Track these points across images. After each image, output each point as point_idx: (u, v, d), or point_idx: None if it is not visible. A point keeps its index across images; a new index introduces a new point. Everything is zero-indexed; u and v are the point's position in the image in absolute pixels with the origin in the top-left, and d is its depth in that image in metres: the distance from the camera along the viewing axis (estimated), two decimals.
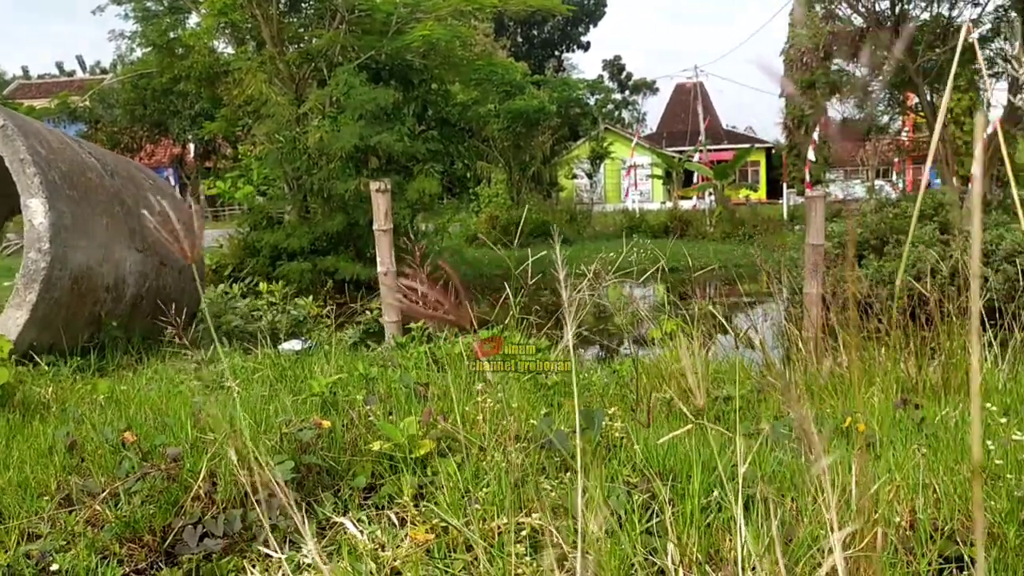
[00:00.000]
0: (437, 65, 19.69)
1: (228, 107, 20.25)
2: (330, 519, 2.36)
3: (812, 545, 1.90)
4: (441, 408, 3.13)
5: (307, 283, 17.21)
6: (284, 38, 19.77)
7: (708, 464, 2.33)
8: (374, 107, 17.65)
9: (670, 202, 32.86)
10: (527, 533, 2.09)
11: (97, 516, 2.43)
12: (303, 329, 7.43)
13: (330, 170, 18.24)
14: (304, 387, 4.30)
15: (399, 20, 18.86)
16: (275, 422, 2.88)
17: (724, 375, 4.42)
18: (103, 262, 5.65)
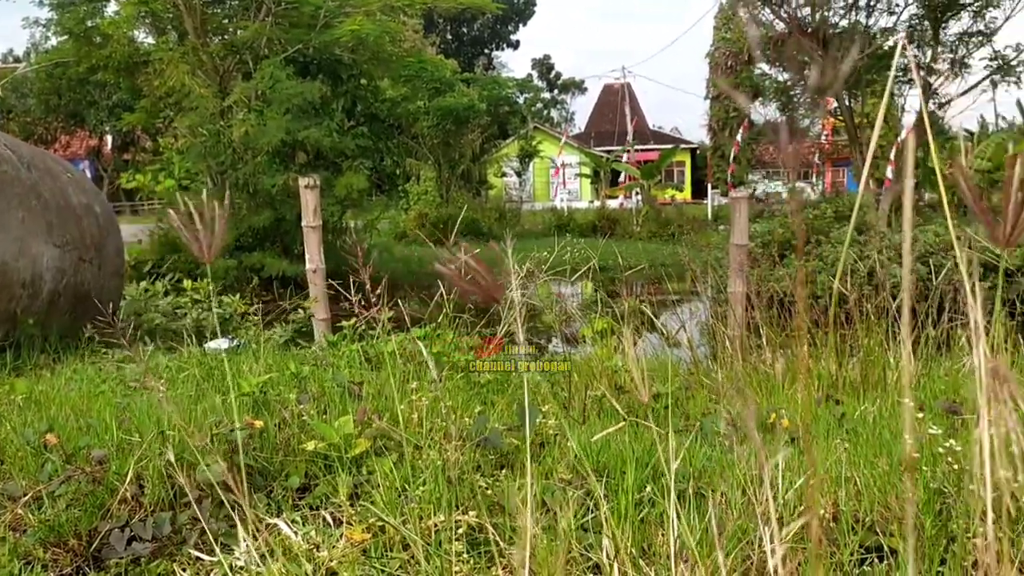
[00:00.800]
0: (366, 60, 19.49)
1: (148, 98, 19.68)
2: (263, 520, 2.33)
3: (742, 538, 1.96)
4: (376, 407, 3.11)
5: (232, 280, 16.87)
6: (208, 29, 19.31)
7: (641, 460, 2.37)
8: (301, 101, 17.39)
9: (598, 201, 33.25)
10: (464, 531, 2.10)
11: (19, 520, 2.35)
12: (229, 327, 7.28)
13: (256, 165, 17.91)
14: (232, 387, 4.22)
15: (327, 14, 18.62)
16: (205, 423, 2.82)
17: (654, 373, 4.49)
18: (19, 257, 5.44)
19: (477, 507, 2.18)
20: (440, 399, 3.02)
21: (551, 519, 2.12)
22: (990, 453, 0.81)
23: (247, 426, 2.62)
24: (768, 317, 6.13)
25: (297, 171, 17.69)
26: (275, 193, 17.57)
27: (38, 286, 5.68)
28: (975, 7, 14.18)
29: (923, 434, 2.41)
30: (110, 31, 18.98)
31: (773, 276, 12.79)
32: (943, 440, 2.19)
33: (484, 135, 30.82)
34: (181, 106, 18.61)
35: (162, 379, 4.48)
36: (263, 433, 2.75)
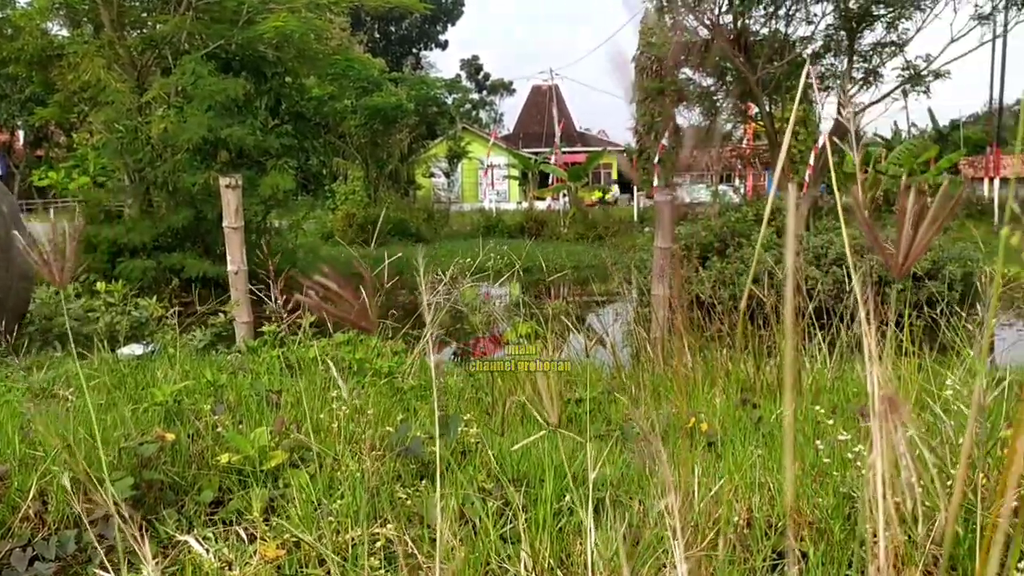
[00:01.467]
0: (291, 58, 19.17)
1: (62, 93, 18.99)
2: (173, 537, 2.25)
3: (658, 547, 1.98)
4: (295, 416, 3.05)
5: (150, 281, 16.39)
6: (125, 22, 18.73)
7: (560, 469, 2.38)
8: (224, 98, 17.00)
9: (526, 203, 33.37)
10: (382, 544, 2.07)
11: None
12: (145, 332, 7.05)
13: (176, 162, 17.44)
14: (146, 396, 4.09)
15: (251, 10, 18.25)
16: (113, 436, 2.72)
17: (577, 378, 4.52)
18: None
19: (396, 519, 2.15)
20: (362, 408, 2.98)
21: (470, 530, 2.11)
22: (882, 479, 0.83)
23: (158, 439, 2.54)
24: (691, 319, 6.24)
25: (219, 170, 17.29)
26: (196, 192, 17.15)
27: None
28: (888, 19, 14.70)
29: (834, 438, 2.47)
30: (22, 23, 18.25)
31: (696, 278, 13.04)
32: (852, 446, 2.25)
33: (412, 135, 30.63)
34: (97, 101, 18.00)
35: (71, 388, 4.32)
36: (175, 446, 2.66)
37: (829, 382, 4.26)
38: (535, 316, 5.70)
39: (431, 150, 34.98)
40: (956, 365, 3.52)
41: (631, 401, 4.06)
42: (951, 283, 10.54)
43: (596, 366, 5.11)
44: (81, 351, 6.08)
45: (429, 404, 3.76)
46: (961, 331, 4.21)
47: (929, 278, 11.07)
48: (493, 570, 2.00)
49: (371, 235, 25.79)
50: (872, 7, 14.32)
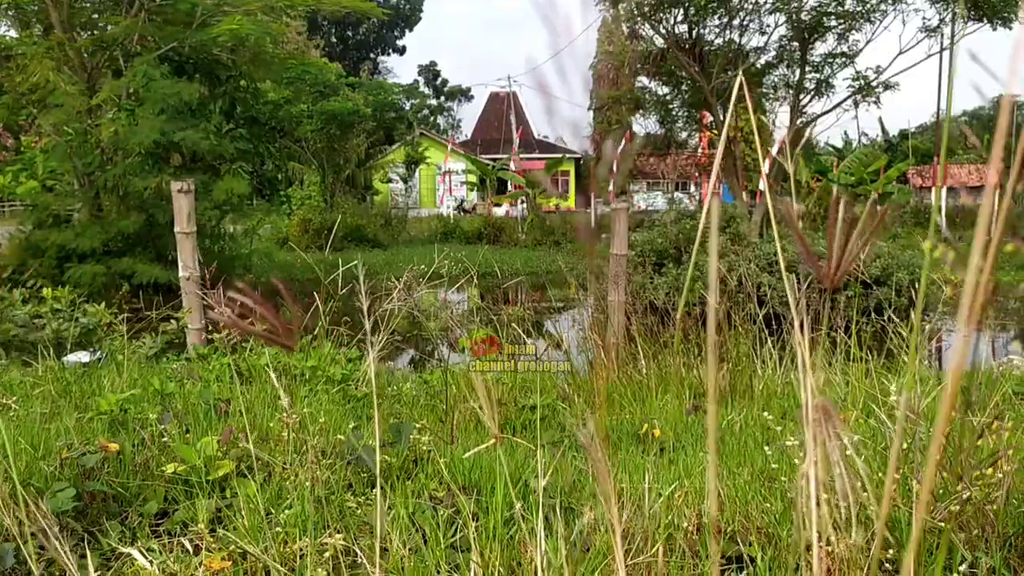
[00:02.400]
0: (246, 61, 18.98)
1: (10, 95, 18.57)
2: (116, 550, 2.20)
3: (608, 554, 1.98)
4: (243, 425, 3.00)
5: (100, 287, 16.08)
6: (75, 23, 18.40)
7: (513, 476, 2.37)
8: (177, 101, 16.77)
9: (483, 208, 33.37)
10: (330, 554, 2.05)
11: None
12: (93, 339, 6.90)
13: (127, 166, 17.15)
14: (92, 404, 4.00)
15: (204, 12, 18.03)
16: (56, 445, 2.65)
17: (531, 384, 4.52)
18: None
19: (345, 529, 2.13)
20: (313, 416, 2.95)
21: (420, 539, 2.09)
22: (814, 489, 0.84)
23: (101, 449, 2.48)
24: (645, 325, 6.29)
25: (172, 174, 17.03)
26: (147, 196, 16.88)
27: None
28: (839, 30, 14.99)
29: (782, 443, 2.50)
30: None
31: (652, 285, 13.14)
32: (799, 451, 2.28)
33: (370, 140, 30.48)
34: (45, 103, 17.64)
35: (14, 396, 4.20)
36: (120, 456, 2.61)
37: (779, 387, 4.32)
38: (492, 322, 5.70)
39: (389, 156, 34.84)
40: (901, 370, 3.60)
41: (585, 407, 4.07)
42: (899, 289, 10.77)
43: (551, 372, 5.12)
44: (26, 359, 5.93)
45: (382, 412, 3.74)
46: (908, 336, 4.29)
47: (878, 284, 11.29)
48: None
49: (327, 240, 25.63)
50: (823, 19, 14.59)
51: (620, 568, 1.06)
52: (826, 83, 15.72)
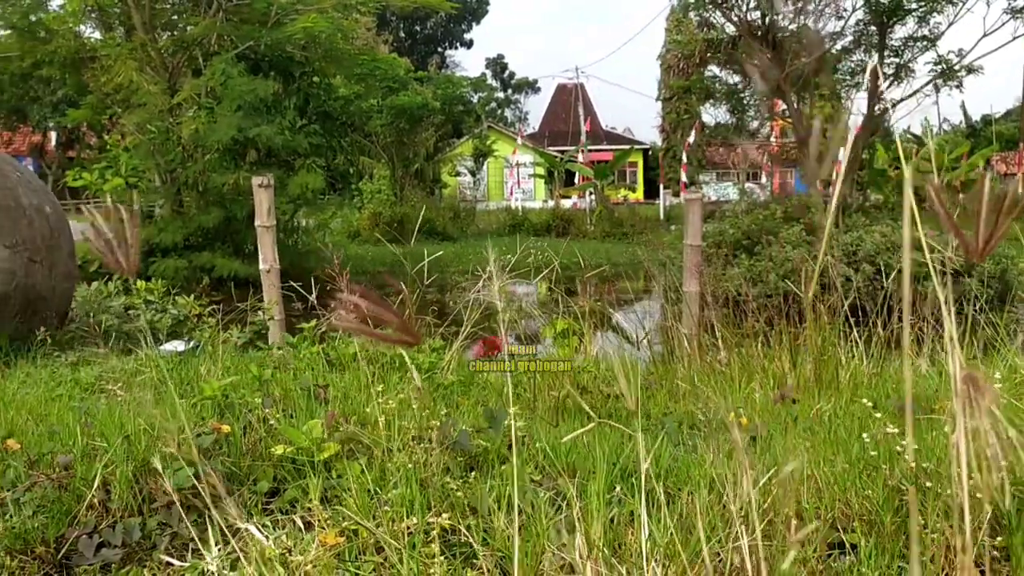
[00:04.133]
0: (319, 58, 19.31)
1: (95, 95, 19.27)
2: (233, 525, 2.32)
3: (710, 536, 2.01)
4: (342, 410, 3.11)
5: (182, 280, 16.61)
6: (156, 24, 18.97)
7: (610, 460, 2.42)
8: (253, 98, 17.16)
9: (552, 201, 33.37)
10: (437, 533, 2.12)
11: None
12: (183, 329, 7.17)
13: (206, 163, 17.65)
14: (192, 390, 4.18)
15: (279, 11, 18.41)
16: (168, 427, 2.79)
17: (611, 373, 4.55)
18: None
19: (451, 508, 2.20)
20: (407, 402, 3.04)
21: (523, 520, 2.15)
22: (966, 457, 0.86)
23: (214, 430, 2.61)
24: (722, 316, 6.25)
25: (248, 169, 17.48)
26: (225, 192, 17.35)
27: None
28: (920, 12, 14.56)
29: (878, 433, 2.49)
30: (55, 26, 18.55)
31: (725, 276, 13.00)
32: (900, 439, 2.27)
33: (438, 134, 30.75)
34: (129, 103, 18.24)
35: (119, 383, 4.41)
36: (229, 437, 2.73)
37: (866, 378, 4.26)
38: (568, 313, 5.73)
39: (457, 149, 35.10)
40: (998, 361, 3.52)
41: (668, 397, 4.09)
42: (987, 280, 10.44)
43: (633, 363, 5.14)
44: (123, 348, 6.21)
45: (470, 399, 3.82)
46: (1001, 328, 4.18)
47: (965, 275, 10.96)
48: (548, 558, 2.04)
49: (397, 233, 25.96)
50: (903, 1, 14.19)
51: (744, 541, 1.09)
52: (906, 68, 15.29)
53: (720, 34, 17.32)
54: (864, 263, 11.95)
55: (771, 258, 13.20)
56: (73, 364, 5.27)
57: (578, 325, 5.14)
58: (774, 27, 15.08)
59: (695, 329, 6.61)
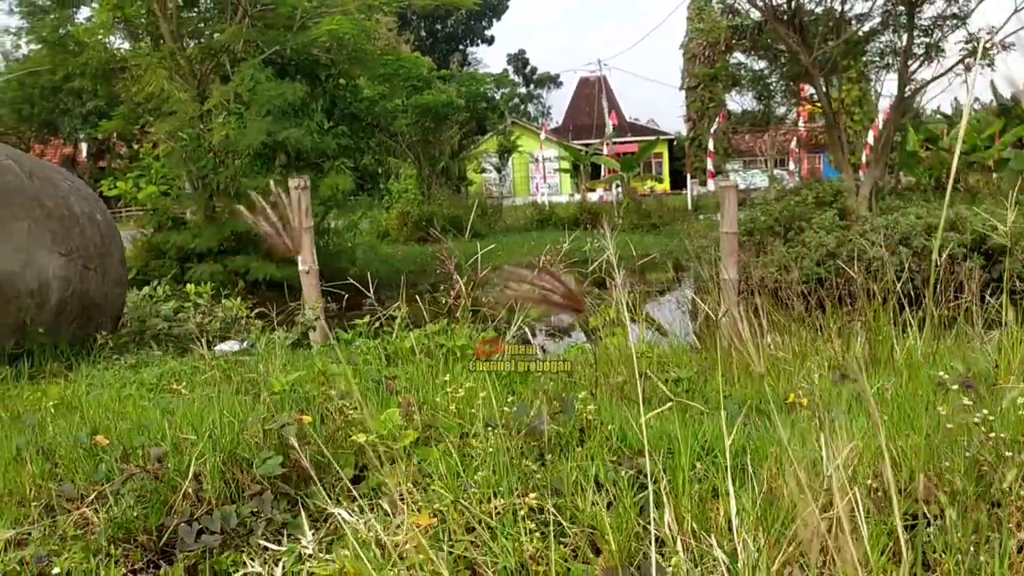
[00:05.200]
0: (344, 60, 19.44)
1: (126, 105, 19.55)
2: (324, 511, 2.40)
3: (793, 510, 2.06)
4: (413, 400, 3.18)
5: (218, 284, 16.81)
6: (184, 33, 19.19)
7: (687, 439, 2.47)
8: (282, 102, 17.32)
9: (577, 195, 33.38)
10: (524, 513, 2.18)
11: (84, 519, 2.41)
12: (231, 331, 7.31)
13: (237, 167, 17.84)
14: (252, 387, 4.28)
15: (304, 15, 18.55)
16: (249, 419, 2.88)
17: (665, 358, 4.60)
18: (26, 267, 5.45)
19: (535, 489, 2.27)
20: (475, 390, 3.11)
21: (610, 498, 2.21)
22: None
23: (296, 421, 2.69)
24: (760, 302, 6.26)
25: (278, 173, 17.66)
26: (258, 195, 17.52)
27: (46, 295, 5.69)
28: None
29: (952, 406, 2.52)
30: (86, 38, 18.83)
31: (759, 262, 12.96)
32: (975, 411, 2.31)
33: (463, 131, 30.86)
34: (160, 111, 18.48)
35: (182, 382, 4.53)
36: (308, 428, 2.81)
37: (921, 358, 4.27)
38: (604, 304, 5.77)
39: (481, 146, 35.19)
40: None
41: (724, 381, 4.13)
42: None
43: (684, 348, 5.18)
44: (177, 350, 6.35)
45: (530, 387, 3.88)
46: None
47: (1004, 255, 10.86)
48: (637, 533, 2.10)
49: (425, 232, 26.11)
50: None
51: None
52: (936, 47, 15.11)
53: (744, 20, 17.23)
54: (900, 245, 11.88)
55: (804, 243, 13.16)
56: (133, 366, 5.40)
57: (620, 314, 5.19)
58: (800, 10, 14.98)
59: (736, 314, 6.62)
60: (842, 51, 15.04)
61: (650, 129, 48.24)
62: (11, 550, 2.25)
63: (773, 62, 18.17)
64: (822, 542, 1.89)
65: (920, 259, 11.22)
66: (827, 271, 11.43)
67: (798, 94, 19.04)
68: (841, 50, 15.03)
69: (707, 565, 1.97)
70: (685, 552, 1.97)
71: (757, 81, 18.77)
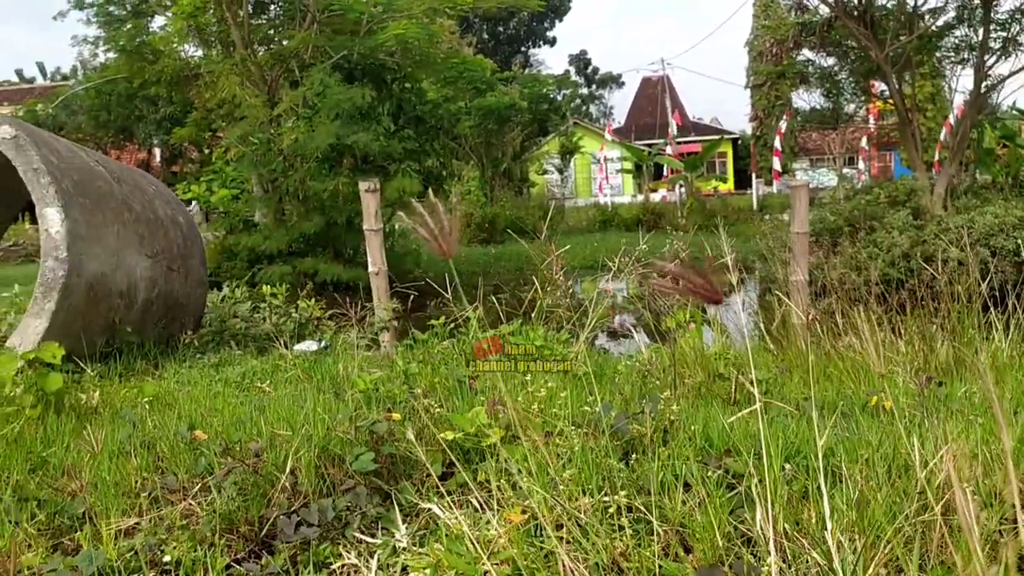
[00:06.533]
0: (410, 63, 19.67)
1: (199, 111, 20.10)
2: (416, 506, 2.47)
3: (891, 511, 2.05)
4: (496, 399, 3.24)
5: (288, 286, 17.14)
6: (254, 40, 19.64)
7: (776, 440, 2.47)
8: (350, 106, 17.59)
9: (640, 195, 33.18)
10: (614, 510, 2.21)
11: (189, 510, 2.52)
12: (306, 331, 7.48)
13: (305, 171, 18.18)
14: (333, 385, 4.39)
15: (371, 19, 18.82)
16: (339, 416, 2.97)
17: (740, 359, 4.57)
18: (116, 268, 5.67)
19: (626, 488, 2.29)
20: (555, 390, 3.15)
21: (698, 497, 2.23)
22: None
23: (385, 419, 2.77)
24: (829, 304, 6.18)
25: (346, 176, 17.96)
26: (326, 198, 17.83)
27: (133, 296, 5.92)
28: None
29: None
30: (161, 46, 19.43)
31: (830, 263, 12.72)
32: None
33: (524, 133, 30.95)
34: (232, 116, 18.96)
35: (265, 380, 4.67)
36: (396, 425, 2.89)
37: (1007, 360, 4.18)
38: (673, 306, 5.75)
39: (543, 147, 35.24)
40: None
41: (802, 382, 4.09)
42: None
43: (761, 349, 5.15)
44: (257, 349, 6.53)
45: (605, 388, 3.91)
46: None
47: None
48: (728, 533, 2.11)
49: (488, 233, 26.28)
50: None
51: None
52: (1013, 41, 14.63)
53: (813, 16, 16.93)
54: (979, 245, 11.54)
55: (876, 244, 12.87)
56: (215, 364, 5.58)
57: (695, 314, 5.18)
58: (871, 5, 14.65)
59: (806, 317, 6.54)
60: (915, 46, 14.66)
61: (714, 128, 47.67)
62: (122, 539, 2.37)
63: (843, 58, 17.80)
64: (921, 545, 1.88)
65: (1000, 259, 10.90)
66: (900, 272, 11.19)
67: (868, 91, 18.63)
68: (914, 45, 14.66)
69: (800, 566, 1.98)
70: (778, 553, 1.98)
71: (826, 78, 18.40)
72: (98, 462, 2.81)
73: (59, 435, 3.27)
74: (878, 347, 4.73)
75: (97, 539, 2.38)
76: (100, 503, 2.58)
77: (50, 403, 3.67)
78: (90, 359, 5.16)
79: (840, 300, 5.53)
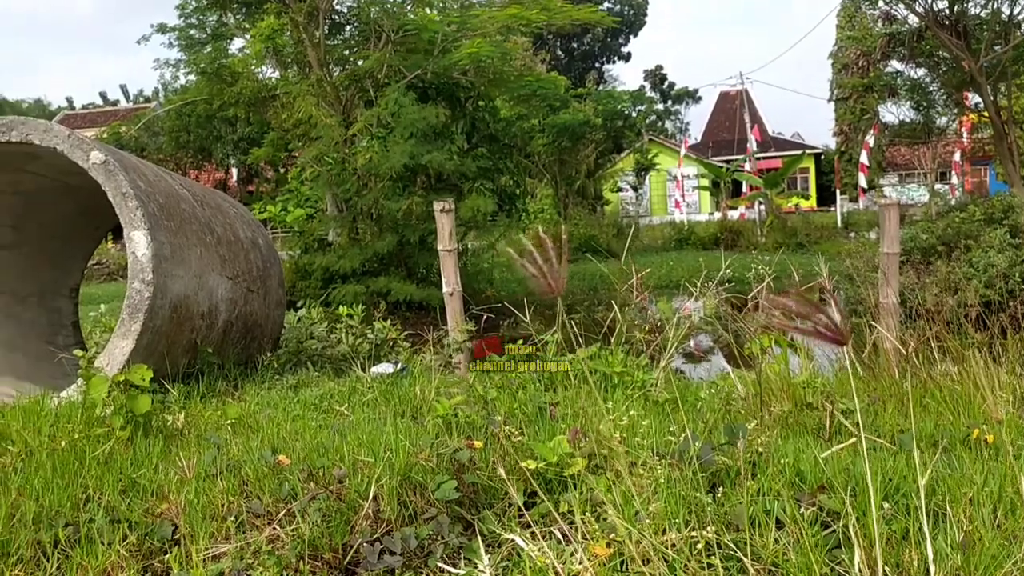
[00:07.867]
0: (484, 82, 19.78)
1: (275, 131, 20.59)
2: (498, 536, 2.44)
3: (1000, 555, 1.93)
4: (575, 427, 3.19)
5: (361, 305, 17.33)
6: (329, 61, 20.05)
7: (875, 476, 2.36)
8: (424, 126, 17.73)
9: (718, 213, 32.70)
10: (702, 547, 2.14)
11: (275, 535, 2.54)
12: (381, 353, 7.52)
13: (379, 190, 18.37)
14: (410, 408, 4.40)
15: (445, 39, 19.00)
16: (421, 443, 2.96)
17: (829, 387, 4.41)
18: (198, 290, 5.81)
19: (714, 523, 2.22)
20: (637, 419, 3.08)
21: (790, 535, 2.14)
22: None
23: (467, 447, 2.74)
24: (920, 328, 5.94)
25: (420, 195, 18.11)
26: (399, 217, 17.97)
27: (214, 317, 6.05)
28: None
29: None
30: (240, 68, 20.03)
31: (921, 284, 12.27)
32: None
33: (599, 150, 30.84)
34: (307, 136, 19.35)
35: (343, 404, 4.71)
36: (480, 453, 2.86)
37: None
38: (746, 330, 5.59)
39: (618, 164, 35.06)
40: None
41: (897, 413, 3.92)
42: None
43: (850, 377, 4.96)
44: (334, 370, 6.60)
45: (688, 415, 3.81)
46: None
47: None
48: (825, 574, 2.02)
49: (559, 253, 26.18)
50: None
51: None
52: None
53: (901, 26, 16.48)
54: None
55: (972, 263, 12.35)
56: (293, 386, 5.65)
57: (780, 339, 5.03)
58: (963, 15, 14.17)
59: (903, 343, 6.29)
60: (1011, 57, 14.12)
61: (795, 143, 46.67)
62: (210, 563, 2.39)
63: (933, 70, 17.27)
64: None
65: None
66: (998, 294, 10.70)
67: (961, 103, 18.02)
68: (1010, 56, 14.12)
69: None
70: None
71: (916, 90, 17.87)
72: (186, 485, 2.86)
73: (148, 457, 3.34)
74: (987, 377, 4.50)
75: (187, 562, 2.42)
76: (188, 525, 2.62)
77: (139, 425, 3.76)
78: (173, 380, 5.29)
79: (934, 324, 5.30)
